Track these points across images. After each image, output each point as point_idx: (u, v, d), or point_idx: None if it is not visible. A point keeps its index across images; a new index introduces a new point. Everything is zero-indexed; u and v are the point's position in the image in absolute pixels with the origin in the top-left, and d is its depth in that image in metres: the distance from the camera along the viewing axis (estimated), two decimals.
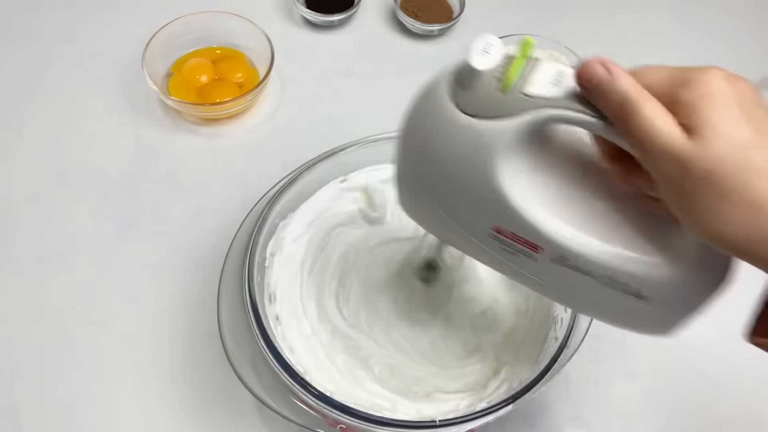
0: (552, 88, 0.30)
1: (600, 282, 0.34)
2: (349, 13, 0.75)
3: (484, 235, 0.35)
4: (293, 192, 0.52)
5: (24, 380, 0.51)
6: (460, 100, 0.31)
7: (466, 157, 0.32)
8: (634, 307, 0.34)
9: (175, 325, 0.55)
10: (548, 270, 0.35)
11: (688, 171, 0.26)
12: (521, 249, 0.34)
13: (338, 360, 0.50)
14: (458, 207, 0.35)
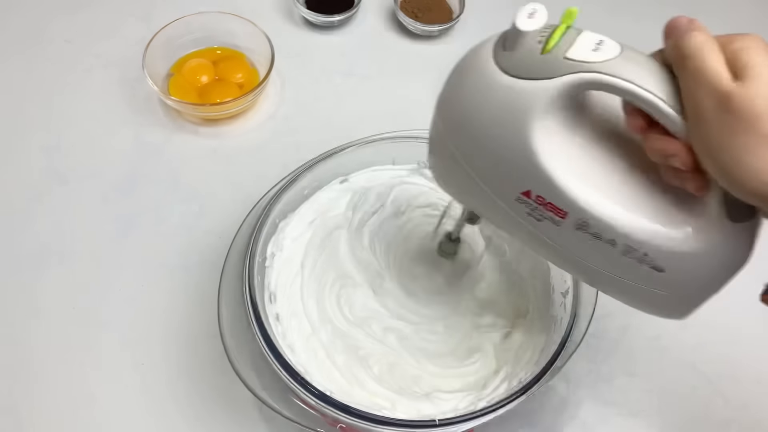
0: (592, 53, 0.31)
1: (620, 251, 0.34)
2: (349, 13, 0.75)
3: (512, 199, 0.36)
4: (293, 192, 0.52)
5: (24, 380, 0.52)
6: (502, 60, 0.33)
7: (504, 116, 0.33)
8: (649, 280, 0.35)
9: (175, 325, 0.55)
10: (570, 237, 0.35)
11: (730, 106, 0.27)
12: (546, 214, 0.35)
13: (338, 359, 0.50)
14: (490, 168, 0.36)
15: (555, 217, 0.35)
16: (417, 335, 0.51)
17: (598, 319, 0.58)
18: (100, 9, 0.76)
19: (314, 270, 0.53)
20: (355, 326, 0.51)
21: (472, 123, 0.35)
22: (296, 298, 0.52)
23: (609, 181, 0.34)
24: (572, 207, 0.34)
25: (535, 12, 0.32)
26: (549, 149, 0.33)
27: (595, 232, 0.34)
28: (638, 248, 0.34)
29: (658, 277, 0.35)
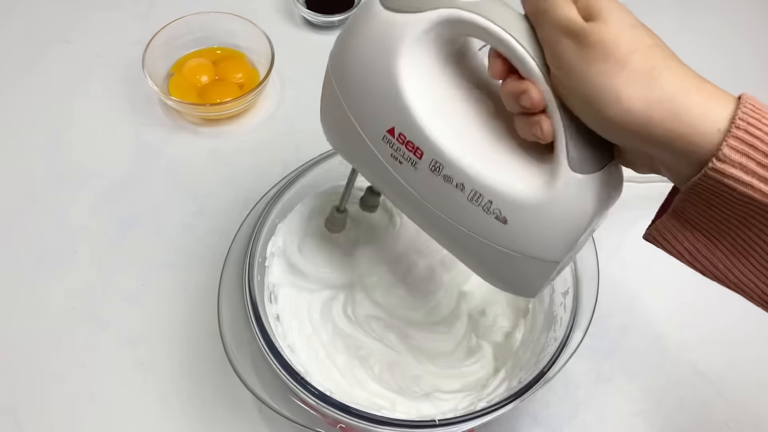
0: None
1: (467, 196, 0.35)
2: (349, 13, 0.75)
3: (378, 138, 0.37)
4: (293, 192, 0.52)
5: (24, 380, 0.52)
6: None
7: (377, 48, 0.35)
8: (494, 233, 0.35)
9: (176, 325, 0.55)
10: (425, 180, 0.36)
11: (586, 40, 0.29)
12: (407, 154, 0.36)
13: (338, 359, 0.50)
14: (361, 103, 0.37)
15: (413, 156, 0.36)
16: (418, 335, 0.51)
17: (598, 319, 0.58)
18: (100, 9, 0.76)
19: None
20: (356, 326, 0.51)
21: (351, 55, 0.36)
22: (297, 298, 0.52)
23: (467, 126, 0.36)
24: (427, 145, 0.35)
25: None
26: (413, 84, 0.35)
27: (446, 174, 0.35)
28: (484, 193, 0.35)
29: (501, 229, 0.35)
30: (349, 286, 0.53)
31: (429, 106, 0.35)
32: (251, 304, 0.45)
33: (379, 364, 0.50)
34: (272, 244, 0.51)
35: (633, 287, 0.59)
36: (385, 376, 0.49)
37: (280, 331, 0.49)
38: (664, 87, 0.28)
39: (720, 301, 0.59)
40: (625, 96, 0.28)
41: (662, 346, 0.57)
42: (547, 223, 0.34)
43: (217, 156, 0.65)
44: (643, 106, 0.28)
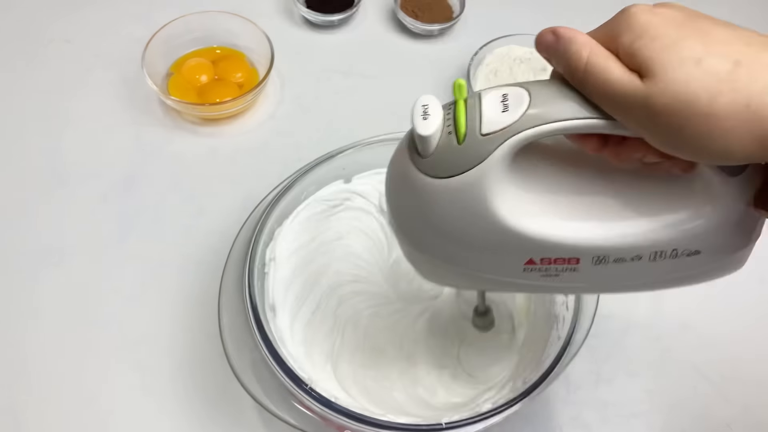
0: (504, 115, 0.29)
1: (647, 259, 0.33)
2: (349, 13, 0.75)
3: (519, 272, 0.34)
4: (291, 197, 0.52)
5: (24, 380, 0.51)
6: (427, 168, 0.31)
7: (464, 217, 0.31)
8: (691, 265, 0.34)
9: (175, 326, 0.55)
10: (593, 273, 0.34)
11: (656, 108, 0.25)
12: (561, 267, 0.34)
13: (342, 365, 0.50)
14: (481, 261, 0.34)
15: (568, 266, 0.34)
16: (421, 339, 0.51)
17: (599, 319, 0.58)
18: (100, 9, 0.76)
19: (308, 279, 0.53)
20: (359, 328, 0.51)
21: (438, 237, 0.33)
22: (295, 306, 0.52)
23: (598, 208, 0.33)
24: (580, 252, 0.33)
25: (427, 108, 0.30)
26: (519, 215, 0.32)
27: (617, 258, 0.33)
28: (663, 248, 0.33)
29: (698, 258, 0.34)
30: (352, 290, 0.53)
31: (546, 220, 0.32)
32: (252, 313, 0.45)
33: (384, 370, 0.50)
34: (270, 250, 0.51)
35: None
36: (388, 383, 0.49)
37: (281, 337, 0.48)
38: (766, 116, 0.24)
39: (720, 302, 0.60)
40: (734, 145, 0.25)
41: (662, 346, 0.57)
42: (732, 227, 0.33)
43: (217, 156, 0.65)
44: (757, 145, 0.24)
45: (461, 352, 0.51)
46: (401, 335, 0.51)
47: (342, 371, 0.49)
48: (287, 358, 0.45)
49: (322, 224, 0.55)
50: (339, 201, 0.55)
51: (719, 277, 0.38)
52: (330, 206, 0.55)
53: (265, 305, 0.48)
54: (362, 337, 0.51)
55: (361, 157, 0.54)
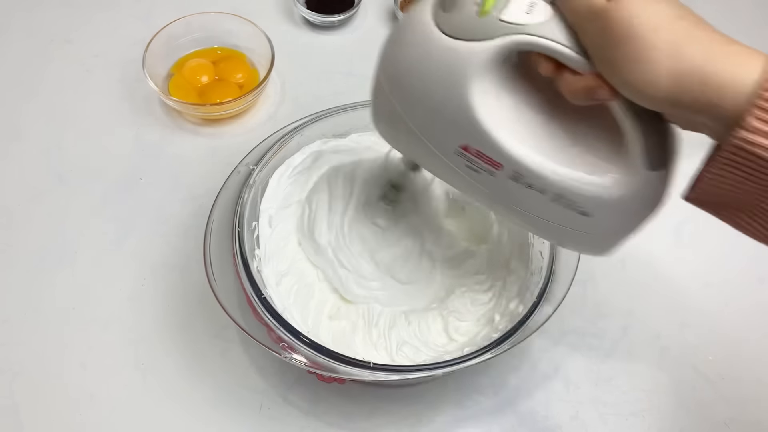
0: (524, 16, 0.33)
1: (550, 198, 0.37)
2: (349, 13, 0.75)
3: (451, 152, 0.38)
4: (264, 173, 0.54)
5: (25, 380, 0.52)
6: (441, 21, 0.34)
7: (442, 75, 0.35)
8: (576, 223, 0.38)
9: (176, 325, 0.55)
10: (505, 186, 0.38)
11: (608, 22, 0.29)
12: (483, 166, 0.38)
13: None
14: (430, 124, 0.38)
15: (491, 168, 0.37)
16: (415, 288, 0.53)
17: (599, 318, 0.58)
18: (100, 9, 0.76)
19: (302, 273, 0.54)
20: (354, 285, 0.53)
21: (413, 81, 0.36)
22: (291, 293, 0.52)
23: (540, 136, 0.37)
24: (507, 160, 0.36)
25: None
26: (486, 107, 0.35)
27: (528, 182, 0.37)
28: (566, 195, 0.37)
29: (584, 221, 0.38)
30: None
31: (502, 123, 0.36)
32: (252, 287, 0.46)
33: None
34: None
35: (633, 287, 0.59)
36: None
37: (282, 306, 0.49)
38: (689, 59, 0.28)
39: (719, 301, 0.60)
40: (653, 76, 0.29)
41: (662, 346, 0.57)
42: (627, 213, 0.37)
43: (217, 156, 0.65)
44: (671, 82, 0.28)
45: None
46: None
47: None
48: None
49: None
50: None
51: (584, 253, 0.42)
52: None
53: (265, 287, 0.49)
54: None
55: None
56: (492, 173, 0.38)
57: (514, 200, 0.39)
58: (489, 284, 0.53)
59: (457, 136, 0.37)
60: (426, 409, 0.52)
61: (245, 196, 0.50)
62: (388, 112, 0.40)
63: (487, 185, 0.39)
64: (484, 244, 0.55)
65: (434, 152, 0.39)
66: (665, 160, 0.35)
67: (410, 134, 0.39)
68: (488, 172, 0.38)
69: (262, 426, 0.51)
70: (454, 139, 0.37)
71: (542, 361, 0.55)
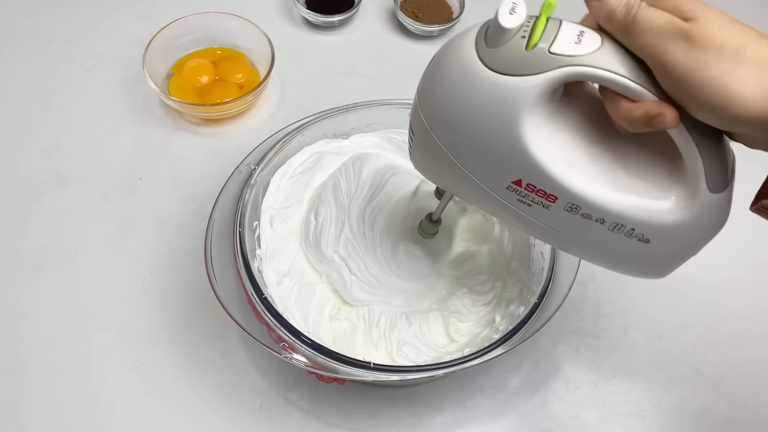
0: (575, 47, 0.31)
1: (608, 228, 0.36)
2: (349, 13, 0.75)
3: (502, 188, 0.37)
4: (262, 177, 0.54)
5: (25, 380, 0.51)
6: (486, 57, 0.33)
7: (492, 111, 0.34)
8: (636, 250, 0.37)
9: (176, 325, 0.55)
10: (560, 219, 0.37)
11: (695, 41, 0.29)
12: (537, 199, 0.36)
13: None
14: (478, 161, 0.37)
15: (545, 201, 0.36)
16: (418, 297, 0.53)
17: (598, 319, 0.58)
18: (100, 9, 0.76)
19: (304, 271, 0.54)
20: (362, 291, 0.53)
21: (458, 117, 0.35)
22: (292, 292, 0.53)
23: (596, 164, 0.35)
24: (563, 192, 0.35)
25: (515, 6, 0.32)
26: (538, 140, 0.34)
27: (585, 213, 0.36)
28: (626, 224, 0.36)
29: (644, 247, 0.37)
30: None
31: (555, 156, 0.35)
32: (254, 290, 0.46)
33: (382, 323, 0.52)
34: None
35: (633, 287, 0.59)
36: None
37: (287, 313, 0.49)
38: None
39: (719, 301, 0.60)
40: (748, 92, 0.28)
41: (662, 346, 0.57)
42: (688, 237, 0.36)
43: (217, 156, 0.65)
44: (765, 99, 0.28)
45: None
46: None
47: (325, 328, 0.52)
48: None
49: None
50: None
51: (641, 277, 0.41)
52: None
53: (267, 287, 0.49)
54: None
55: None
56: (546, 206, 0.36)
57: (570, 232, 0.38)
58: (490, 285, 0.53)
59: (508, 171, 0.36)
60: (426, 409, 0.52)
61: (246, 196, 0.50)
62: (429, 149, 0.38)
63: (541, 218, 0.38)
64: (486, 245, 0.55)
65: (483, 188, 0.38)
66: (726, 181, 0.34)
67: (455, 171, 0.38)
68: (542, 206, 0.37)
69: (262, 426, 0.51)
70: (505, 175, 0.36)
71: (542, 361, 0.55)
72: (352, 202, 0.54)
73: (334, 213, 0.54)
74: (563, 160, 0.35)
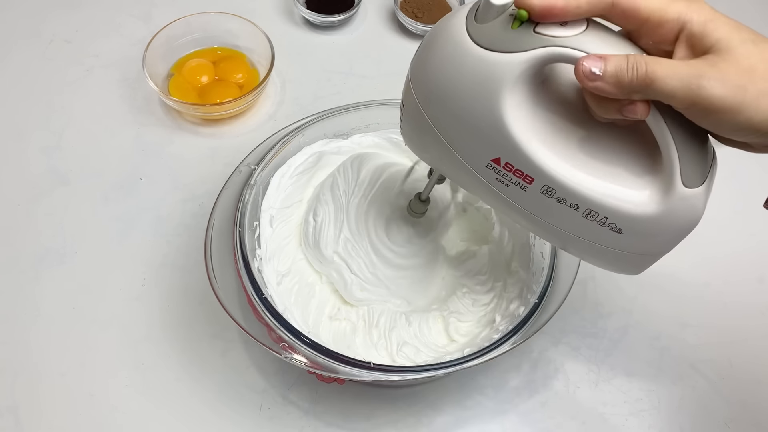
0: (560, 28, 0.32)
1: (582, 214, 0.37)
2: (349, 13, 0.75)
3: (482, 166, 0.38)
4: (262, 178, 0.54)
5: (25, 380, 0.51)
6: (474, 32, 0.34)
7: (475, 87, 0.34)
8: (608, 240, 0.38)
9: (176, 325, 0.55)
10: (536, 200, 0.37)
11: (725, 73, 0.30)
12: (514, 179, 0.37)
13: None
14: (461, 136, 0.37)
15: (522, 182, 0.37)
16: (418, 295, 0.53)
17: (598, 319, 0.58)
18: (100, 9, 0.76)
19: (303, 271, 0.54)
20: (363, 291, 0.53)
21: (444, 92, 0.36)
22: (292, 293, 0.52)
23: (572, 150, 0.36)
24: (539, 174, 0.36)
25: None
26: (518, 119, 0.35)
27: (560, 197, 0.36)
28: (599, 212, 0.36)
29: (617, 238, 0.37)
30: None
31: (534, 136, 0.35)
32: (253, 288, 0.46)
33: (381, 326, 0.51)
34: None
35: (633, 287, 0.60)
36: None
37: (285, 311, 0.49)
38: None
39: (719, 301, 0.60)
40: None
41: (662, 346, 0.57)
42: (660, 231, 0.36)
43: (217, 156, 0.65)
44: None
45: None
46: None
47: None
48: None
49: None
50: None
51: (615, 271, 0.41)
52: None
53: (267, 287, 0.49)
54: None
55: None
56: (523, 187, 0.37)
57: (545, 215, 0.38)
58: (490, 285, 0.53)
59: (488, 148, 0.36)
60: (426, 409, 0.52)
61: (246, 196, 0.50)
62: (417, 122, 0.39)
63: (518, 200, 0.38)
64: (486, 245, 0.55)
65: (464, 165, 0.38)
66: (703, 176, 0.34)
67: (440, 146, 0.38)
68: (519, 186, 0.37)
69: (262, 426, 0.51)
70: (485, 152, 0.37)
71: (542, 361, 0.55)
72: (351, 201, 0.54)
73: (333, 213, 0.54)
74: (541, 142, 0.35)
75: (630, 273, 0.41)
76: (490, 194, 0.39)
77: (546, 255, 0.49)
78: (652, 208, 0.35)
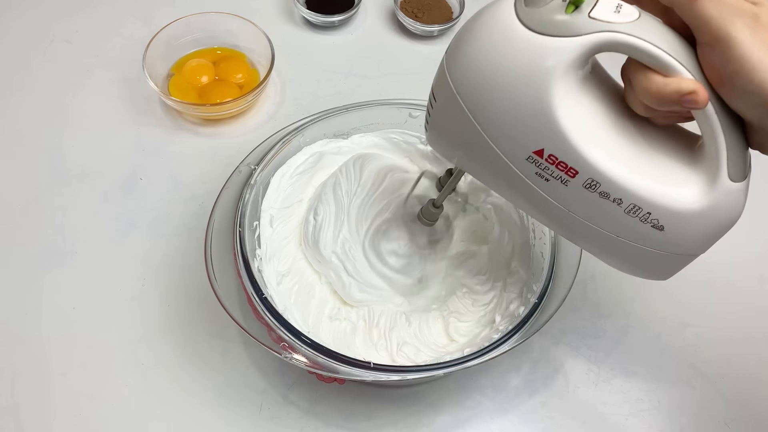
0: (614, 14, 0.31)
1: (624, 209, 0.35)
2: (349, 13, 0.75)
3: (521, 159, 0.36)
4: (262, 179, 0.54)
5: (25, 380, 0.51)
6: (524, 16, 0.32)
7: (524, 72, 0.33)
8: (647, 239, 0.36)
9: (176, 325, 0.55)
10: (576, 197, 0.36)
11: (761, 23, 0.29)
12: (557, 173, 0.35)
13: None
14: (503, 126, 0.35)
15: (565, 176, 0.35)
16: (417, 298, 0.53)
17: (598, 319, 0.58)
18: (100, 9, 0.76)
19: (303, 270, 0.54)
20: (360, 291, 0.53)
21: (488, 77, 0.34)
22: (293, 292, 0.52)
23: (618, 142, 0.35)
24: (585, 166, 0.34)
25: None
26: (567, 108, 0.33)
27: (604, 191, 0.35)
28: (644, 207, 0.35)
29: (657, 236, 0.36)
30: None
31: (582, 127, 0.34)
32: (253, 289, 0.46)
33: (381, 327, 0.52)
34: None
35: (633, 287, 0.60)
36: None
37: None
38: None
39: (719, 301, 0.60)
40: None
41: (662, 346, 0.57)
42: (703, 228, 0.35)
43: (217, 156, 0.65)
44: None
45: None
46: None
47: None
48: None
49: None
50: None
51: (646, 275, 0.40)
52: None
53: (267, 287, 0.49)
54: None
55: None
56: (565, 181, 0.35)
57: (584, 213, 0.36)
58: (490, 285, 0.53)
59: (531, 139, 0.35)
60: (426, 409, 0.52)
61: (246, 196, 0.50)
62: (452, 114, 0.37)
63: (557, 196, 0.36)
64: (486, 245, 0.55)
65: (501, 159, 0.36)
66: (745, 170, 0.34)
67: (476, 139, 0.36)
68: (561, 180, 0.35)
69: (262, 426, 0.51)
70: (527, 144, 0.35)
71: (542, 361, 0.55)
72: (352, 202, 0.54)
73: (333, 212, 0.54)
74: (588, 134, 0.34)
75: (658, 277, 0.40)
76: (526, 191, 0.37)
77: (546, 255, 0.49)
78: (697, 204, 0.34)
